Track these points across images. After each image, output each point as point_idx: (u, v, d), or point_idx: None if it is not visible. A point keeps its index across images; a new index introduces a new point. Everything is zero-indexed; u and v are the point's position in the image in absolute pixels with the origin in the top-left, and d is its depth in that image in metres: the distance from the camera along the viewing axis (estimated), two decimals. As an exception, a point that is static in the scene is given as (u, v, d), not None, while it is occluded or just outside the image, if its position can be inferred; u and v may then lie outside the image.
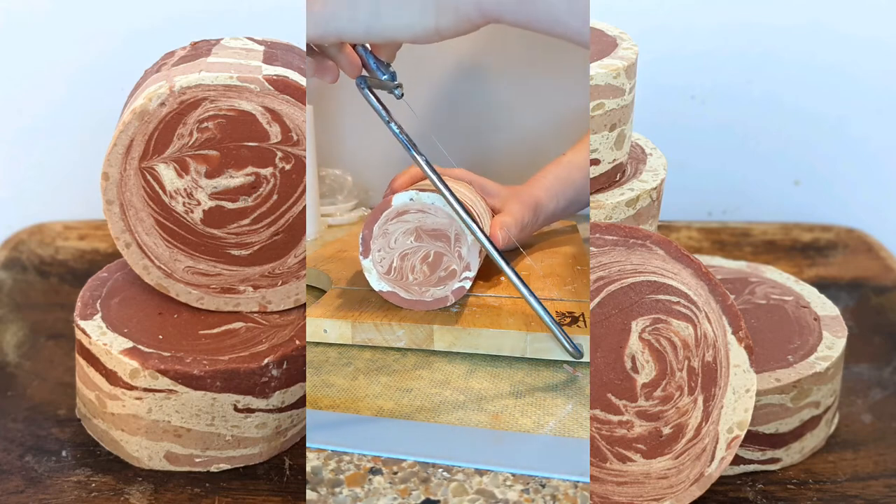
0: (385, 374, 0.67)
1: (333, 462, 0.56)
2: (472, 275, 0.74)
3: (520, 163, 1.31)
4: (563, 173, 0.95)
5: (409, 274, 0.75)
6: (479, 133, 1.31)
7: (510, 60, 1.26)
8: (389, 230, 0.74)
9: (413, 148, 0.69)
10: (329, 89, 1.29)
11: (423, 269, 0.74)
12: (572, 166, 0.94)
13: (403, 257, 0.74)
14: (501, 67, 1.27)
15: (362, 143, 1.35)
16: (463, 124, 1.31)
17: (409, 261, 0.74)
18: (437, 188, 0.69)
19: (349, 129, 1.34)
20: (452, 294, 0.74)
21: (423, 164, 0.69)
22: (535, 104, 1.28)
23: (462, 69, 1.29)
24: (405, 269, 0.75)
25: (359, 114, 1.33)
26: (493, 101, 1.30)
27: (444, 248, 0.74)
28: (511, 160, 1.31)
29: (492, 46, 1.26)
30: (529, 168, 1.31)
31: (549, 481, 0.54)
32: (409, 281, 0.74)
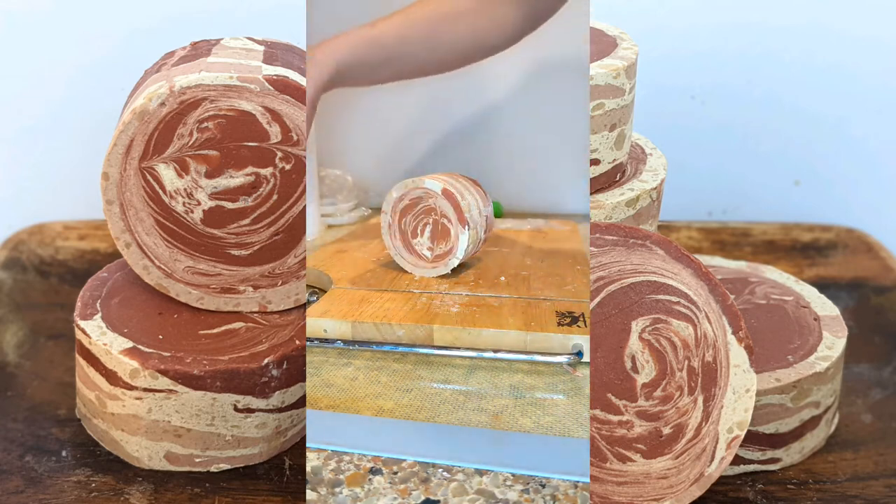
0: (385, 374, 0.67)
1: (333, 462, 0.56)
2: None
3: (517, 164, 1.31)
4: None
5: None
6: (475, 135, 1.31)
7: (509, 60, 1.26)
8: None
9: None
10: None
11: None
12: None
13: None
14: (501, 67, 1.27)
15: (362, 143, 1.35)
16: (458, 128, 1.31)
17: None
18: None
19: (349, 129, 1.34)
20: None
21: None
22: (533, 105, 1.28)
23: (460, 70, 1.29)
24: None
25: (359, 114, 1.34)
26: (489, 102, 1.30)
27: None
28: (508, 160, 1.31)
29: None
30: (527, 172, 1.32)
31: (549, 481, 0.54)
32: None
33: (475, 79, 1.28)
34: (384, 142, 1.34)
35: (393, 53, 0.78)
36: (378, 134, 1.34)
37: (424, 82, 1.28)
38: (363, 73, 0.78)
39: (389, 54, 0.78)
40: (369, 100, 1.32)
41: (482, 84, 1.29)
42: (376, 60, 0.78)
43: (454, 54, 0.80)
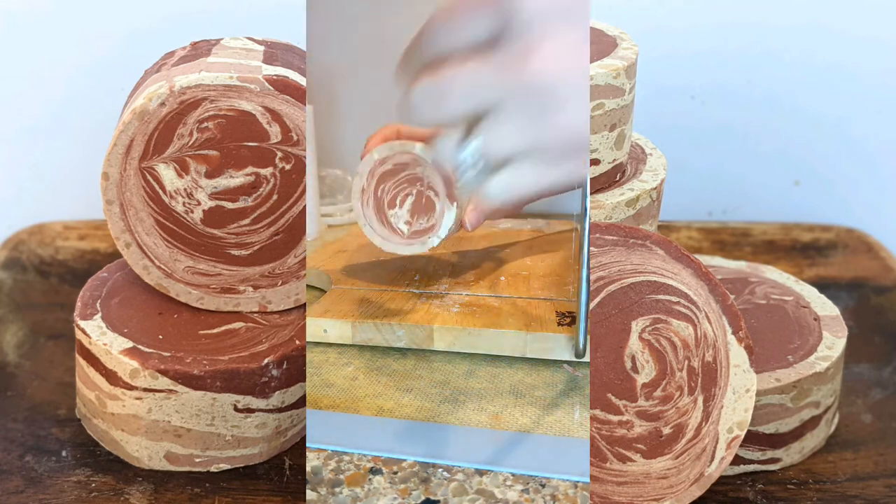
0: (385, 374, 0.67)
1: (333, 462, 0.56)
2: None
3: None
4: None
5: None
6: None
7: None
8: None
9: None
10: (329, 89, 1.29)
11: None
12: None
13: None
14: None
15: (362, 144, 1.35)
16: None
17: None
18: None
19: (349, 129, 1.34)
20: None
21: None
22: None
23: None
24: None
25: (359, 114, 1.34)
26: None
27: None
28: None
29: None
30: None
31: (549, 481, 0.55)
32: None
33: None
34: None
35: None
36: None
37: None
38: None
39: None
40: (370, 99, 1.32)
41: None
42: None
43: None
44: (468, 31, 0.59)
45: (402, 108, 0.62)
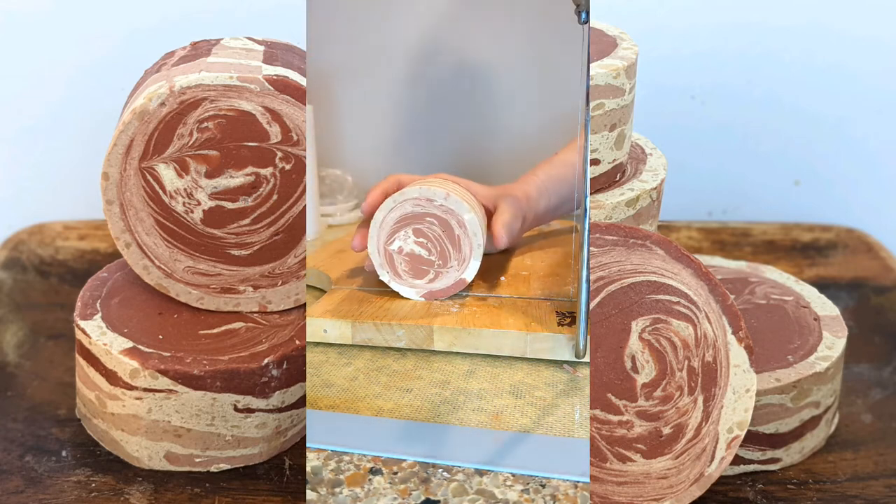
0: (385, 374, 0.67)
1: (333, 462, 0.56)
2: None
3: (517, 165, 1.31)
4: (556, 171, 0.94)
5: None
6: (475, 134, 1.31)
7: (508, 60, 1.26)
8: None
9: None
10: (329, 89, 1.29)
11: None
12: (565, 164, 0.94)
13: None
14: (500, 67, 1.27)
15: (362, 144, 1.35)
16: (459, 125, 1.31)
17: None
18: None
19: (349, 129, 1.34)
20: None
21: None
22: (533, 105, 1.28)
23: (461, 68, 1.29)
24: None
25: (359, 114, 1.34)
26: (490, 102, 1.30)
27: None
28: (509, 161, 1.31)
29: (491, 45, 1.26)
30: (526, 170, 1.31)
31: (549, 481, 0.54)
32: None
33: (474, 78, 1.28)
34: (384, 142, 1.34)
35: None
36: (378, 134, 1.34)
37: (425, 83, 1.28)
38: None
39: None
40: (370, 99, 1.32)
41: (481, 84, 1.29)
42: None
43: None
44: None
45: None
